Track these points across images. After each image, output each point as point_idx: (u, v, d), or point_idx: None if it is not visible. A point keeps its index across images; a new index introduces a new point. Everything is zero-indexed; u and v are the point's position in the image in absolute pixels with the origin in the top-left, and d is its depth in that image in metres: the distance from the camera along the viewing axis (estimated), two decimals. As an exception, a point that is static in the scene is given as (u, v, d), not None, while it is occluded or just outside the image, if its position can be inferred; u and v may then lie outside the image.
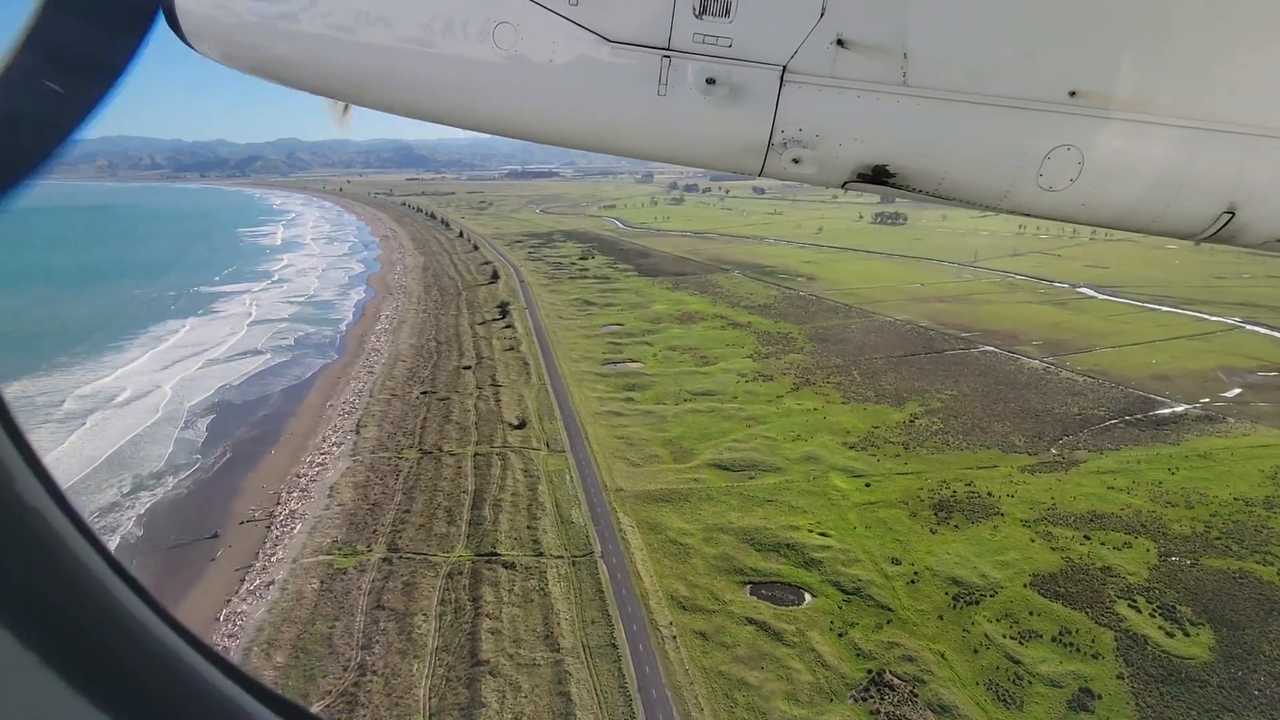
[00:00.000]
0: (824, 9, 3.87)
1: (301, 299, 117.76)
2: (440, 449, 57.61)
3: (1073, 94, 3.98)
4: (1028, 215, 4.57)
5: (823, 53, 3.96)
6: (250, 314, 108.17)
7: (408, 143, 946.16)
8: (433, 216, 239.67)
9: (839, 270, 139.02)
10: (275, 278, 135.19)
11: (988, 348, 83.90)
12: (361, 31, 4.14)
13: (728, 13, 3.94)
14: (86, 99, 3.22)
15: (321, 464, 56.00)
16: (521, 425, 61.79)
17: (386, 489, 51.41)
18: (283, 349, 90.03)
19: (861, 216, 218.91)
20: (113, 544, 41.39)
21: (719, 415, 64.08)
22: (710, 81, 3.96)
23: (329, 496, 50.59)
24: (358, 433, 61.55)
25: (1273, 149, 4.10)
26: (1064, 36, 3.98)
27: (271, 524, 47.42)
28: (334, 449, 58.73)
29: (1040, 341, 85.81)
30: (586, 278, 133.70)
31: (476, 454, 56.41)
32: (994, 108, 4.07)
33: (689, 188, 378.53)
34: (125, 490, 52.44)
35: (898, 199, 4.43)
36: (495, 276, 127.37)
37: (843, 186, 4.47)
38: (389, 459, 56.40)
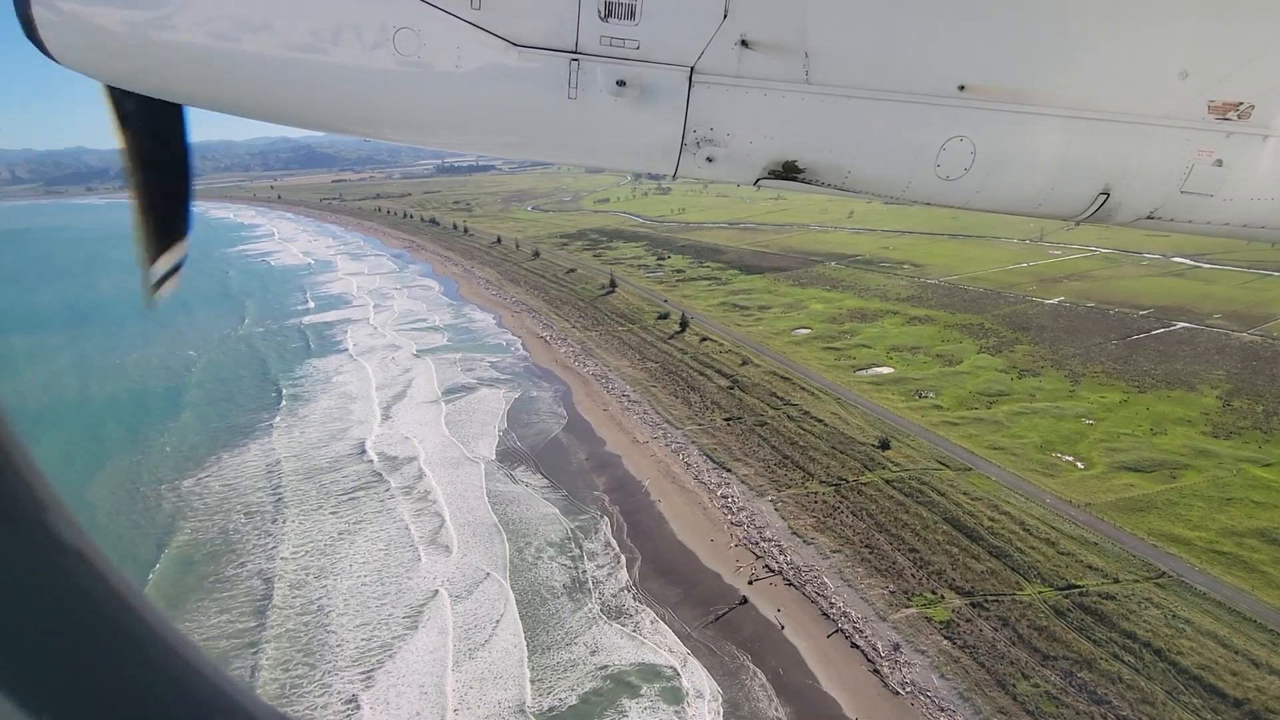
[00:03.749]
0: (727, 10, 4.02)
1: (427, 324, 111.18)
2: (844, 479, 56.98)
3: (962, 88, 4.29)
4: (929, 204, 4.95)
5: (728, 53, 4.12)
6: (399, 344, 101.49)
7: (307, 142, 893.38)
8: (435, 222, 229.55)
9: (924, 253, 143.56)
10: (377, 306, 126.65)
11: (1182, 324, 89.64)
12: (246, 40, 3.98)
13: (633, 15, 4.03)
14: None
15: (739, 508, 54.38)
16: (885, 446, 61.79)
17: (852, 527, 50.66)
18: (489, 380, 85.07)
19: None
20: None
21: (1044, 415, 66.16)
22: (620, 84, 4.08)
23: (806, 544, 49.42)
24: (727, 470, 59.97)
25: (1142, 134, 4.54)
26: (951, 33, 4.26)
27: (798, 583, 45.97)
28: (725, 487, 57.04)
29: (1219, 315, 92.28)
30: (697, 280, 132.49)
31: (888, 481, 56.17)
32: (891, 102, 4.33)
33: (654, 176, 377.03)
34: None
35: (809, 193, 4.85)
36: (613, 285, 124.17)
37: (755, 184, 4.66)
38: (802, 496, 55.37)
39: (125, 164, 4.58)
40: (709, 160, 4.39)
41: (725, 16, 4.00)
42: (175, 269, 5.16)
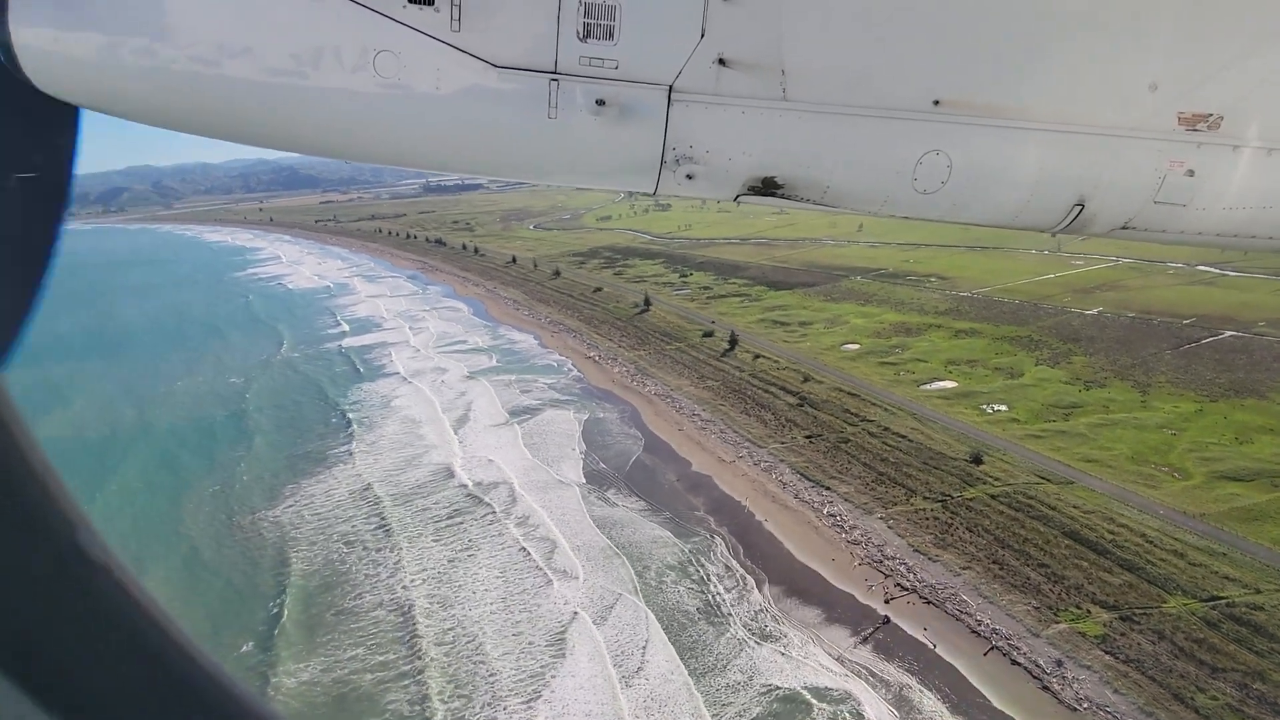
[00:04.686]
0: (704, 30, 4.11)
1: (468, 345, 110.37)
2: (948, 495, 57.27)
3: (937, 103, 4.39)
4: (907, 218, 5.03)
5: (706, 72, 4.21)
6: (446, 367, 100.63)
7: (289, 163, 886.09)
8: (441, 243, 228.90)
9: (947, 266, 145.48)
10: (412, 328, 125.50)
11: (1230, 333, 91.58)
12: (226, 65, 4.03)
13: (612, 36, 4.11)
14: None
15: (850, 525, 54.44)
16: (977, 460, 62.23)
17: (973, 543, 50.89)
18: (551, 402, 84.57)
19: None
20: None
21: (1125, 426, 67.00)
22: (600, 103, 4.17)
23: (932, 561, 49.53)
24: (826, 488, 60.07)
25: (1114, 146, 4.65)
26: (925, 50, 4.36)
27: (937, 601, 46.02)
28: (829, 505, 57.10)
29: (1263, 323, 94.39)
30: (727, 296, 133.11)
31: (992, 496, 56.55)
32: (868, 118, 4.43)
33: (634, 194, 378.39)
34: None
35: (789, 209, 5.03)
36: (648, 304, 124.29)
37: (735, 199, 4.77)
38: (911, 514, 55.58)
39: None
40: (689, 178, 4.49)
41: (702, 36, 4.10)
42: None
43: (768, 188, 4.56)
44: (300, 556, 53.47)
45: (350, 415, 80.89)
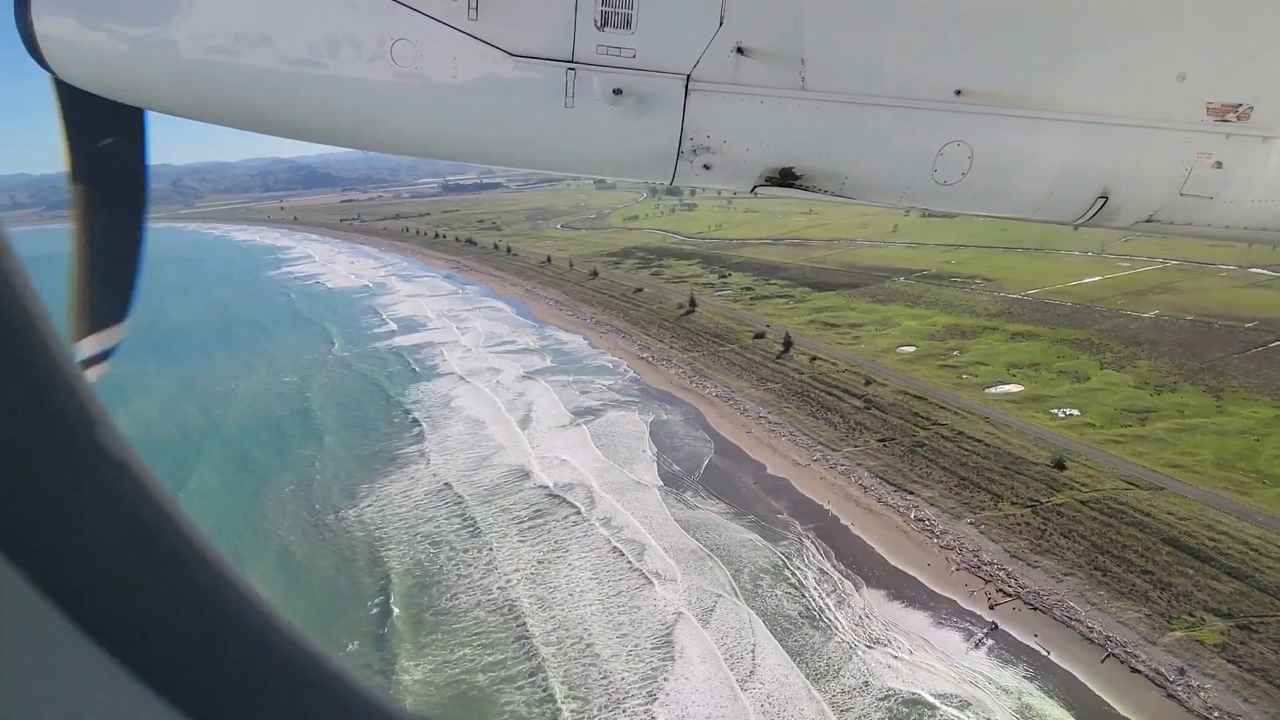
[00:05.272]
0: (722, 19, 4.07)
1: (516, 345, 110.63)
2: (1036, 501, 56.88)
3: (959, 93, 4.32)
4: (926, 209, 5.05)
5: (724, 61, 4.16)
6: (499, 367, 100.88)
7: (306, 162, 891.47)
8: (472, 242, 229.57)
9: (989, 267, 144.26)
10: (459, 328, 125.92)
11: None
12: (244, 54, 4.03)
13: (629, 24, 4.06)
14: None
15: (941, 530, 54.17)
16: (1060, 466, 61.74)
17: (1069, 549, 50.50)
18: (613, 403, 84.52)
19: (908, 212, 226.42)
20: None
21: (1204, 431, 66.31)
22: (617, 92, 4.13)
23: (1031, 568, 49.20)
24: (909, 492, 59.81)
25: (1140, 137, 4.57)
26: (947, 40, 4.30)
27: (1043, 608, 45.70)
28: (915, 510, 56.86)
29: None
30: (771, 297, 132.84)
31: (1082, 502, 56.08)
32: (889, 108, 4.38)
33: (671, 192, 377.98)
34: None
35: (807, 200, 4.91)
36: (693, 305, 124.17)
37: (752, 191, 4.70)
38: (1000, 519, 55.24)
39: (72, 212, 4.56)
40: (706, 168, 4.43)
41: (721, 24, 4.05)
42: (105, 355, 4.94)
43: (785, 179, 4.52)
44: (391, 556, 53.71)
45: (414, 414, 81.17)
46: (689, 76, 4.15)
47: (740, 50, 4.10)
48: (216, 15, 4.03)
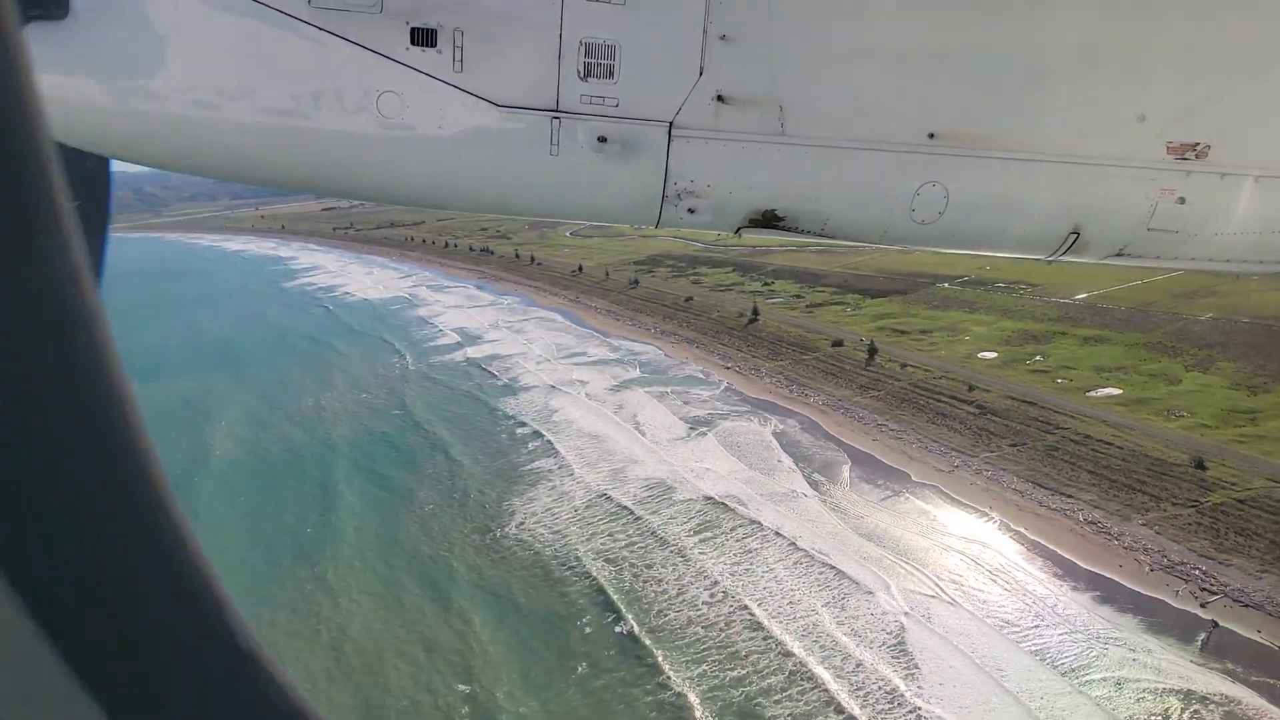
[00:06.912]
0: (702, 69, 4.28)
1: (589, 357, 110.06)
2: (1195, 500, 58.82)
3: (932, 136, 4.58)
4: (905, 247, 5.29)
5: (705, 108, 4.38)
6: (584, 379, 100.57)
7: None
8: (489, 252, 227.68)
9: (1026, 273, 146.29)
10: (526, 340, 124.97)
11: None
12: (229, 107, 4.11)
13: (612, 74, 4.25)
14: None
15: (1118, 532, 55.75)
16: (1200, 466, 63.91)
17: (1252, 547, 52.41)
18: (721, 414, 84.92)
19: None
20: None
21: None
22: (602, 140, 4.30)
23: (1223, 566, 50.96)
24: (1066, 495, 61.39)
25: (1106, 176, 4.89)
26: (919, 86, 4.57)
27: (1255, 604, 47.39)
28: (1081, 512, 58.37)
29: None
30: (825, 305, 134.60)
31: (1239, 500, 58.16)
32: (865, 151, 4.62)
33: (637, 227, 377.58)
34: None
35: (791, 241, 5.20)
36: (756, 313, 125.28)
37: (736, 232, 4.94)
38: (1166, 519, 57.05)
39: None
40: (690, 211, 4.67)
41: (701, 74, 4.29)
42: None
43: (769, 220, 4.74)
44: (588, 569, 53.43)
45: (529, 426, 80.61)
46: (671, 124, 4.37)
47: (720, 98, 4.32)
48: (199, 69, 4.07)
